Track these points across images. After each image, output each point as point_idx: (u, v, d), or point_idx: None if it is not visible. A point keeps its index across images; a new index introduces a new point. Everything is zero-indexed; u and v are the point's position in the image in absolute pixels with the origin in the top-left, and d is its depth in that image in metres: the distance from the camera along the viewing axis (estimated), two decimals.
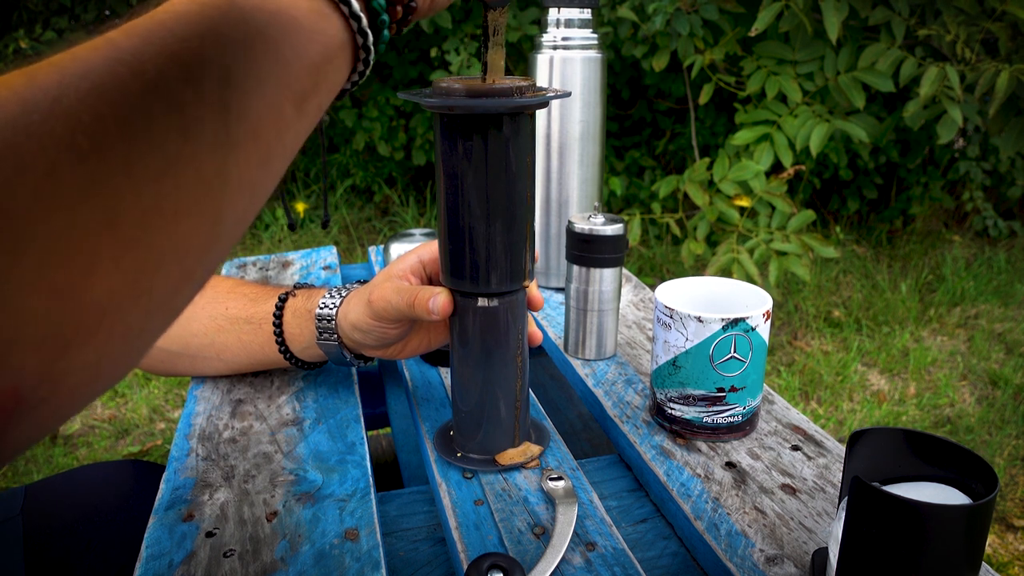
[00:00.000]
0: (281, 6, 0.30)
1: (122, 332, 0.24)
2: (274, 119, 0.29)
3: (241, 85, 0.27)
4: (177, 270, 0.25)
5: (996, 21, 2.01)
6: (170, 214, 0.24)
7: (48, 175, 0.21)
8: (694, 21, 2.20)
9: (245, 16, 0.28)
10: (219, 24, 0.27)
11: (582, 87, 0.88)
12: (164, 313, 0.26)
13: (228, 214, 0.27)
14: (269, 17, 0.29)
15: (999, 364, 2.25)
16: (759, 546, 0.49)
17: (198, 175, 0.25)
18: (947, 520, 0.35)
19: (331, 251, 1.13)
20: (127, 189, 0.22)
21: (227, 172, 0.26)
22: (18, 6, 3.03)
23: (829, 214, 3.40)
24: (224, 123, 0.26)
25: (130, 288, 0.23)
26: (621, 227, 0.71)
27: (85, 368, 0.23)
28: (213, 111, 0.26)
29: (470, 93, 0.47)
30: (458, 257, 0.53)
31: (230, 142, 0.26)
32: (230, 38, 0.27)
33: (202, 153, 0.25)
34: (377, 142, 3.38)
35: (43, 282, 0.21)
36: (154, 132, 0.23)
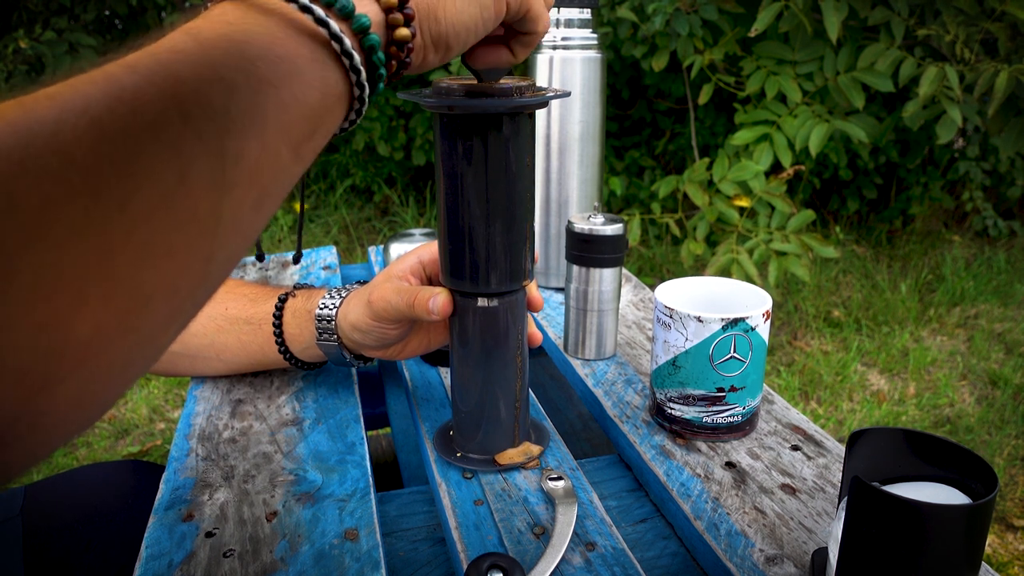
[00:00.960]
0: (284, 53, 0.30)
1: (106, 368, 0.23)
2: (271, 163, 0.29)
3: (240, 129, 0.27)
4: (166, 308, 0.25)
5: (995, 21, 2.01)
6: (162, 253, 0.24)
7: (40, 209, 0.21)
8: (693, 21, 2.20)
9: (247, 59, 0.28)
10: (221, 66, 0.27)
11: (582, 87, 0.88)
12: (150, 349, 0.26)
13: (220, 254, 0.27)
14: (271, 62, 0.29)
15: (999, 364, 2.25)
16: (759, 546, 0.49)
17: (192, 216, 0.25)
18: (947, 520, 0.35)
19: (331, 251, 1.13)
20: (120, 227, 0.22)
21: (221, 213, 0.26)
22: (18, 6, 3.03)
23: (829, 214, 3.40)
24: (221, 165, 0.26)
25: (117, 325, 0.23)
26: (621, 227, 0.71)
27: (67, 404, 0.22)
28: (210, 153, 0.26)
29: (470, 93, 0.47)
30: (458, 257, 0.53)
31: (226, 184, 0.26)
32: (231, 81, 0.27)
33: (197, 194, 0.25)
34: (377, 142, 3.38)
35: (28, 317, 0.20)
36: (150, 171, 0.23)
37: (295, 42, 0.30)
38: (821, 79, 2.16)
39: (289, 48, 0.30)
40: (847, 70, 2.13)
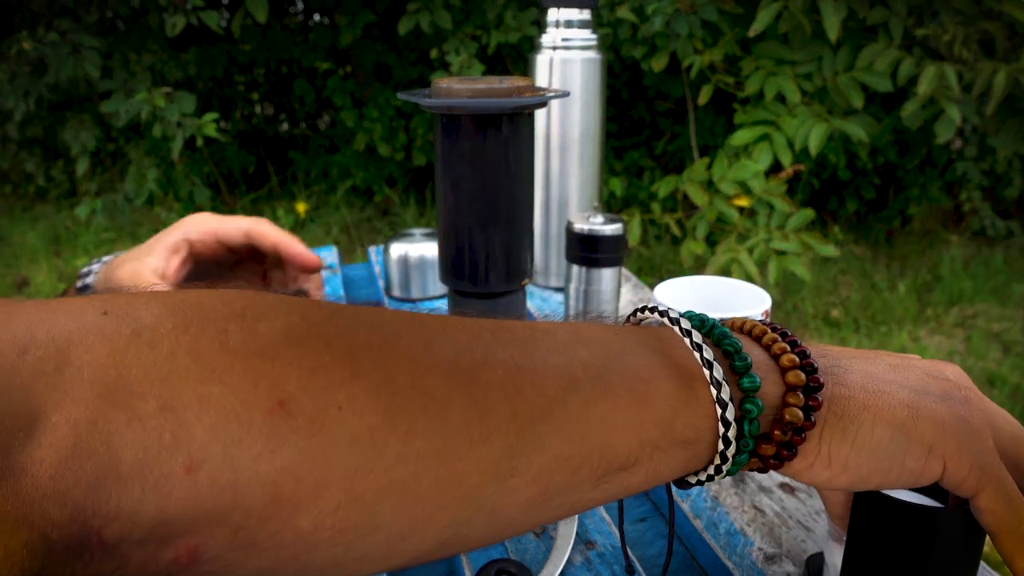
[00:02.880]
0: (640, 374, 0.29)
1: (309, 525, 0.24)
2: (565, 474, 0.27)
3: (551, 428, 0.27)
4: (382, 539, 0.26)
5: (993, 21, 2.01)
6: (410, 495, 0.25)
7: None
8: (693, 22, 2.20)
9: (603, 368, 0.28)
10: (574, 366, 0.28)
11: (582, 88, 0.88)
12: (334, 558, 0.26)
13: (462, 527, 0.27)
14: (620, 373, 0.28)
15: (996, 364, 2.25)
16: (758, 544, 0.49)
17: (456, 479, 0.26)
18: (950, 523, 0.35)
19: (332, 251, 1.13)
20: (394, 453, 0.25)
21: (485, 493, 0.26)
22: (21, 8, 3.03)
23: (827, 214, 3.40)
24: (515, 449, 0.26)
25: (329, 527, 0.24)
26: (620, 227, 0.72)
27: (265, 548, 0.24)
28: (516, 432, 0.26)
29: (469, 94, 0.48)
30: (457, 257, 0.53)
31: (505, 471, 0.26)
32: (573, 378, 0.28)
33: (476, 464, 0.26)
34: (378, 143, 3.38)
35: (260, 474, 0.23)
36: (454, 423, 0.25)
37: (664, 370, 0.29)
38: (820, 79, 2.17)
39: (657, 375, 0.29)
40: (846, 70, 2.13)
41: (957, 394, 0.32)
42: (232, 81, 3.89)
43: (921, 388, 0.31)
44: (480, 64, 2.71)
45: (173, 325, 0.24)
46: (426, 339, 0.27)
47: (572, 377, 0.28)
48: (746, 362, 0.29)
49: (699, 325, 0.32)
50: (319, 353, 0.25)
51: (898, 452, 0.30)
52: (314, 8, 3.79)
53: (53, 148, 3.67)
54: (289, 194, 3.74)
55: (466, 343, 0.27)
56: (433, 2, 2.71)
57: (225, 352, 0.24)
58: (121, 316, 0.24)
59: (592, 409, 0.28)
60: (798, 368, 0.30)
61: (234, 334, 0.24)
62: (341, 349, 0.25)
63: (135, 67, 2.95)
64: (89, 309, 0.24)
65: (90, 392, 0.22)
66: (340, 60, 3.75)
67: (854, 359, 0.33)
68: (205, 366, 0.23)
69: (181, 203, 3.42)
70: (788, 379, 0.30)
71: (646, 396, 0.28)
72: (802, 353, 0.31)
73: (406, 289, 0.92)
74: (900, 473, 0.30)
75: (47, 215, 3.56)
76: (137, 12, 3.01)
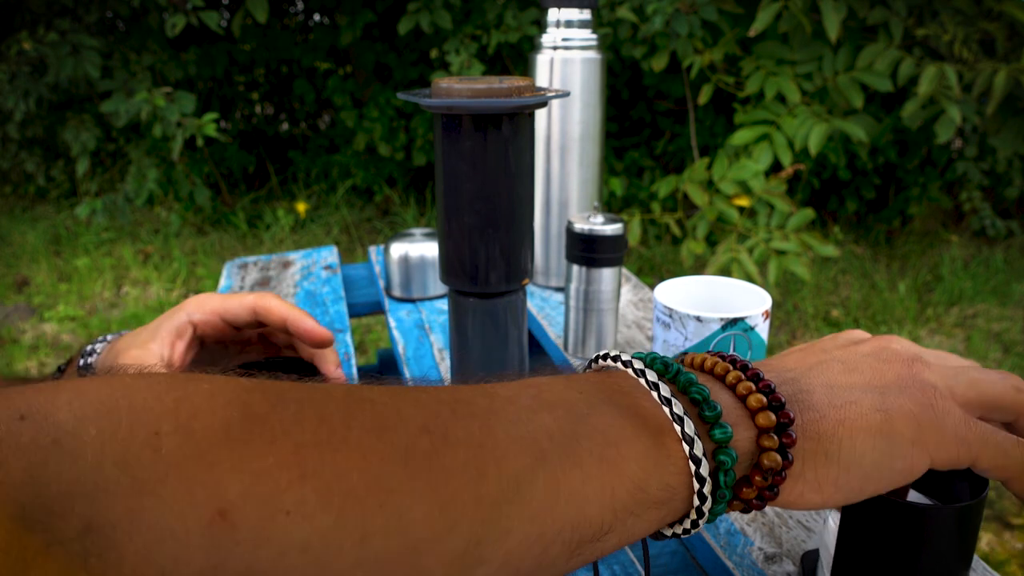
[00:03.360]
0: (609, 436, 0.28)
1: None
2: (535, 552, 0.26)
3: (520, 504, 0.26)
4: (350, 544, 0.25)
5: (993, 21, 2.01)
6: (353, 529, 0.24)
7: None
8: (693, 22, 2.20)
9: (575, 438, 0.27)
10: (535, 433, 0.27)
11: (582, 88, 0.88)
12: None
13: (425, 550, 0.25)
14: (588, 438, 0.27)
15: (996, 363, 2.25)
16: (758, 544, 0.49)
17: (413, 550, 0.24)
18: (943, 520, 0.35)
19: (332, 251, 1.13)
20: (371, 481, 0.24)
21: (449, 535, 0.25)
22: (20, 8, 3.03)
23: (828, 214, 3.40)
24: (475, 539, 0.25)
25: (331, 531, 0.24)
26: (621, 227, 0.72)
27: None
28: (487, 505, 0.25)
29: (469, 94, 0.48)
30: (457, 256, 0.53)
31: (473, 559, 0.25)
32: (541, 453, 0.27)
33: (454, 508, 0.25)
34: (378, 143, 3.39)
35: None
36: (389, 509, 0.24)
37: (633, 428, 0.28)
38: (820, 79, 2.17)
39: (625, 435, 0.28)
40: (846, 70, 2.13)
41: (908, 373, 0.32)
42: (232, 81, 3.89)
43: (880, 385, 0.31)
44: (480, 64, 2.71)
45: (98, 431, 0.21)
46: (379, 425, 0.25)
47: (539, 450, 0.26)
48: (716, 411, 0.28)
49: (662, 370, 0.30)
50: (263, 455, 0.22)
51: (883, 458, 0.30)
52: (314, 8, 3.79)
53: (53, 148, 3.67)
54: (289, 194, 3.74)
55: (422, 423, 0.26)
56: (433, 2, 2.71)
57: (158, 460, 0.21)
58: (39, 421, 0.21)
59: (561, 483, 0.26)
60: (767, 409, 0.29)
61: (167, 437, 0.22)
62: (287, 447, 0.23)
63: (135, 67, 2.95)
64: (4, 414, 0.21)
65: (2, 515, 0.19)
66: (340, 60, 3.75)
67: (809, 372, 0.32)
68: (136, 477, 0.21)
69: (181, 203, 3.42)
70: (759, 422, 0.29)
71: (616, 461, 0.27)
72: (767, 388, 0.30)
73: (406, 289, 0.92)
74: (891, 477, 0.30)
75: (47, 215, 3.56)
76: (137, 12, 3.01)
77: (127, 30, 3.36)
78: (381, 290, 0.97)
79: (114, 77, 2.90)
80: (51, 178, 3.72)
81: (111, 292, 2.84)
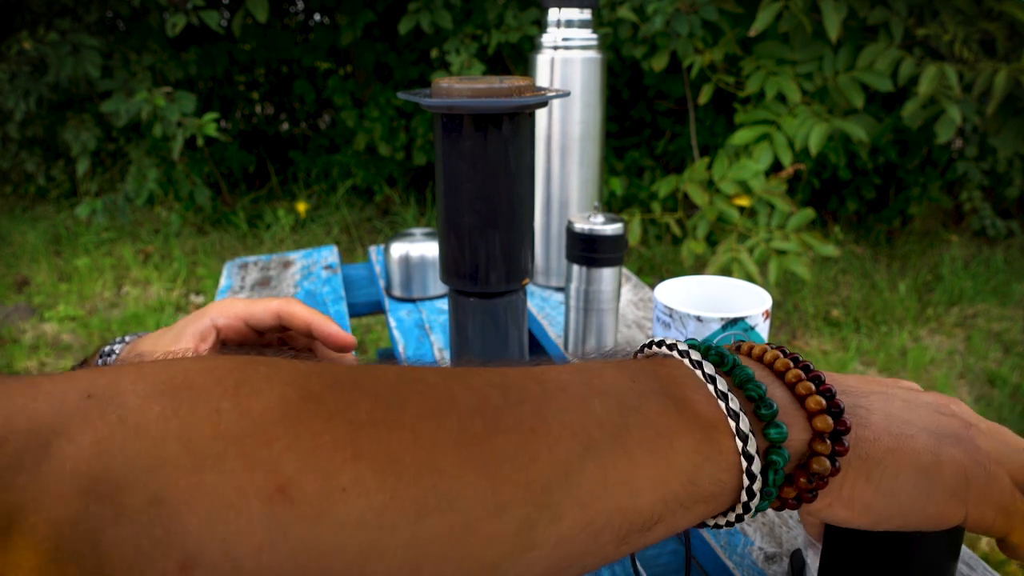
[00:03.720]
0: (660, 428, 0.27)
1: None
2: (586, 539, 0.26)
3: (575, 493, 0.26)
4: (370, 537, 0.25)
5: (993, 21, 2.01)
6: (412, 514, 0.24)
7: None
8: (693, 21, 2.20)
9: (621, 424, 0.27)
10: (587, 422, 0.27)
11: (582, 88, 0.88)
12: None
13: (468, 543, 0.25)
14: (638, 428, 0.27)
15: (996, 363, 2.25)
16: (758, 544, 0.49)
17: (472, 539, 0.24)
18: (922, 545, 0.36)
19: (332, 251, 1.13)
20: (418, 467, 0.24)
21: (498, 564, 0.25)
22: (20, 7, 3.03)
23: (828, 214, 3.40)
24: (536, 518, 0.25)
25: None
26: (621, 227, 0.72)
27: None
28: (533, 502, 0.25)
29: (470, 93, 0.48)
30: (458, 256, 0.53)
31: (526, 544, 0.25)
32: (591, 440, 0.26)
33: (491, 530, 0.24)
34: (378, 142, 3.39)
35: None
36: (441, 489, 0.24)
37: (684, 421, 0.28)
38: (820, 79, 2.17)
39: (677, 428, 0.28)
40: (846, 70, 2.13)
41: (966, 434, 0.31)
42: (232, 81, 3.89)
43: (937, 431, 0.31)
44: (480, 64, 2.71)
45: (161, 408, 0.22)
46: (431, 408, 0.25)
47: (588, 438, 0.26)
48: (772, 410, 0.28)
49: (718, 361, 0.30)
50: (319, 433, 0.23)
51: (920, 497, 0.30)
52: (314, 8, 3.79)
53: (53, 148, 3.67)
54: (289, 194, 3.74)
55: (475, 406, 0.26)
56: (433, 2, 2.71)
57: (218, 437, 0.22)
58: (106, 400, 0.22)
59: (611, 472, 0.26)
60: (825, 413, 0.29)
61: (227, 414, 0.23)
62: (342, 427, 0.24)
63: (135, 67, 2.95)
64: (72, 392, 0.22)
65: (72, 488, 0.20)
66: (340, 60, 3.75)
67: (871, 396, 0.32)
68: (197, 453, 0.21)
69: (181, 203, 3.42)
70: (816, 425, 0.29)
71: (667, 452, 0.27)
72: (827, 392, 0.29)
73: (407, 289, 0.92)
74: (920, 517, 0.30)
75: (47, 215, 3.56)
76: (137, 12, 3.01)
77: (127, 30, 3.36)
78: (381, 290, 0.97)
79: (114, 77, 2.90)
80: (51, 178, 3.72)
81: (111, 292, 2.84)
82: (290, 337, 0.58)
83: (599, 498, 0.26)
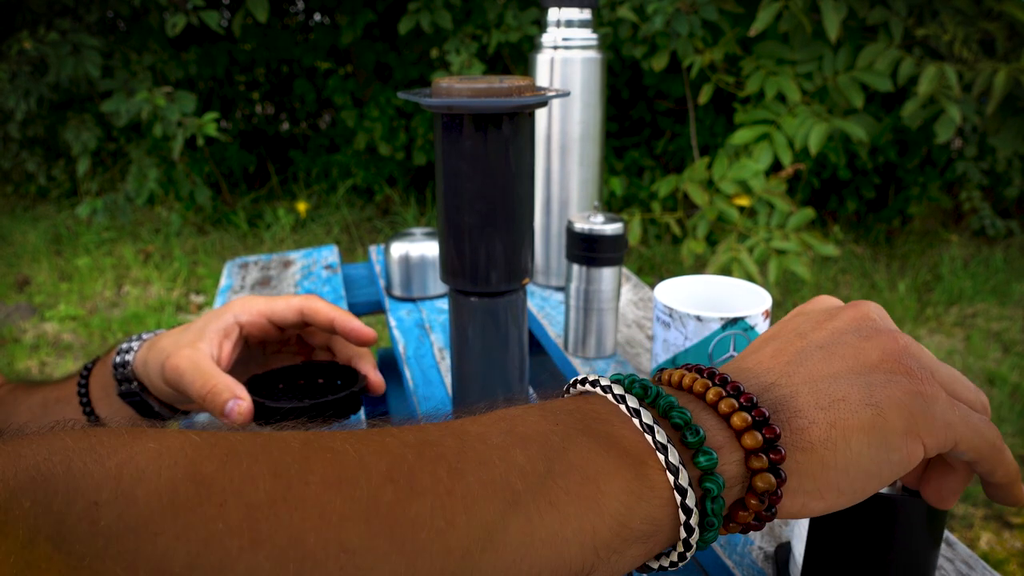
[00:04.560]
0: (587, 472, 0.26)
1: None
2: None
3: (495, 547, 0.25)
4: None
5: (993, 21, 2.01)
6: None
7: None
8: (693, 21, 2.20)
9: (545, 465, 0.26)
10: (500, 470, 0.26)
11: (582, 87, 0.88)
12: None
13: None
14: (563, 476, 0.26)
15: (996, 363, 2.25)
16: (758, 543, 0.49)
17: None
18: (912, 510, 0.36)
19: (332, 251, 1.13)
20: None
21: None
22: (21, 7, 3.03)
23: (828, 214, 3.41)
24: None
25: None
26: (621, 226, 0.72)
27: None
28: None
29: (470, 93, 0.48)
30: (458, 256, 0.53)
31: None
32: (512, 498, 0.25)
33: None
34: (378, 142, 3.39)
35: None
36: (350, 570, 0.23)
37: (612, 461, 0.27)
38: (820, 79, 2.17)
39: (605, 469, 0.26)
40: (846, 70, 2.13)
41: (893, 353, 0.30)
42: (233, 81, 3.89)
43: (865, 369, 0.30)
44: (480, 64, 2.71)
45: (32, 503, 0.19)
46: (339, 477, 0.23)
47: (511, 492, 0.25)
48: (699, 436, 0.27)
49: (641, 394, 0.29)
50: (211, 520, 0.21)
51: (880, 453, 0.29)
52: (314, 8, 3.79)
53: (54, 148, 3.67)
54: (290, 194, 3.74)
55: (386, 471, 0.24)
56: (433, 2, 2.71)
57: (96, 534, 0.20)
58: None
59: (536, 527, 0.25)
60: (752, 428, 0.28)
61: (107, 507, 0.20)
62: (238, 510, 0.21)
63: (136, 67, 2.95)
64: None
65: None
66: (341, 60, 3.75)
67: (789, 369, 0.30)
68: (71, 553, 0.19)
69: (182, 203, 3.42)
70: (745, 443, 0.28)
71: (595, 497, 0.26)
72: (749, 403, 0.28)
73: (407, 288, 0.93)
74: (890, 470, 0.29)
75: (48, 215, 3.57)
76: (137, 12, 3.02)
77: (128, 30, 3.37)
78: (381, 289, 0.97)
79: (115, 77, 2.90)
80: (52, 178, 3.73)
81: (112, 292, 2.84)
82: (308, 333, 0.58)
83: (525, 557, 0.25)
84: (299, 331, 0.58)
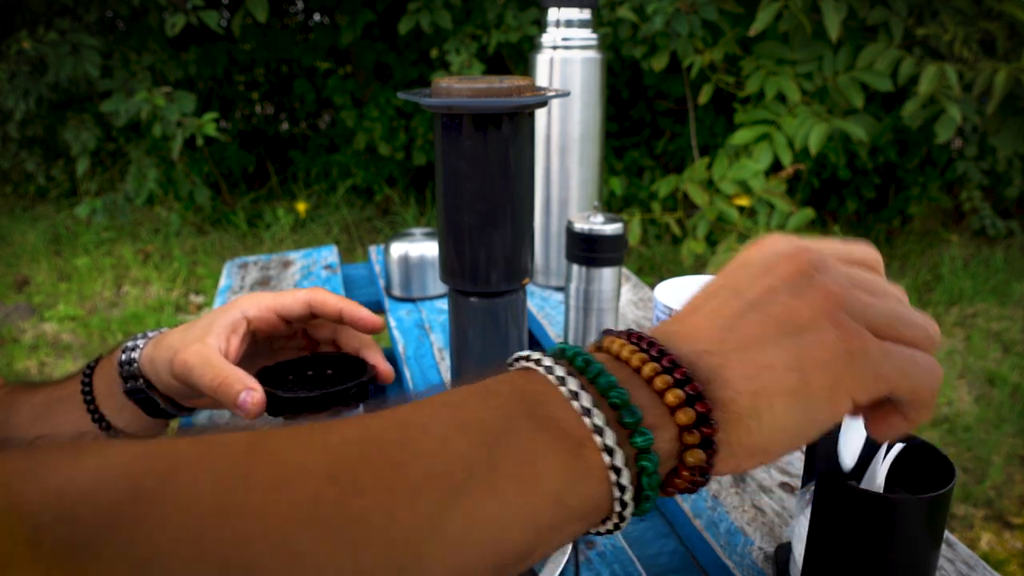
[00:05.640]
0: (526, 455, 0.27)
1: None
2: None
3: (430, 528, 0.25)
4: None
5: (993, 21, 2.01)
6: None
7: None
8: (693, 21, 2.20)
9: (485, 446, 0.26)
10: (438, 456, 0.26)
11: (582, 87, 0.88)
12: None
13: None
14: (504, 459, 0.26)
15: (996, 363, 2.25)
16: (758, 544, 0.49)
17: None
18: (912, 510, 0.36)
19: (332, 251, 1.13)
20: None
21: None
22: (20, 7, 3.03)
23: (828, 214, 3.40)
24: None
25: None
26: (621, 226, 0.72)
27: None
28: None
29: (469, 93, 0.48)
30: (458, 256, 0.53)
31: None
32: (462, 474, 0.26)
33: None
34: (378, 142, 3.39)
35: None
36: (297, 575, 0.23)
37: (551, 443, 0.27)
38: (820, 79, 2.17)
39: (543, 451, 0.27)
40: (846, 70, 2.13)
41: (826, 318, 0.30)
42: (232, 81, 3.89)
43: (796, 332, 0.30)
44: (480, 64, 2.71)
45: None
46: (281, 480, 0.23)
47: (454, 482, 0.25)
48: (636, 417, 0.28)
49: (583, 367, 0.29)
50: (154, 536, 0.21)
51: (805, 415, 0.29)
52: (314, 8, 3.79)
53: (53, 148, 3.67)
54: (289, 194, 3.74)
55: (328, 471, 0.24)
56: (433, 2, 2.71)
57: (38, 559, 0.20)
58: None
59: (479, 513, 0.25)
60: (686, 405, 0.28)
61: (48, 531, 0.20)
62: (182, 523, 0.21)
63: (135, 66, 2.95)
64: None
65: None
66: (340, 60, 3.75)
67: (722, 335, 0.30)
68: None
69: (181, 203, 3.42)
70: (679, 419, 0.28)
71: (535, 480, 0.26)
72: (684, 378, 0.29)
73: (406, 288, 0.92)
74: (816, 428, 0.30)
75: (47, 215, 3.56)
76: (137, 11, 3.01)
77: (127, 29, 3.36)
78: (381, 289, 0.97)
79: (114, 77, 2.90)
80: (51, 177, 3.73)
81: (111, 292, 2.84)
82: (314, 327, 0.59)
83: (468, 543, 0.25)
84: (305, 325, 0.58)
